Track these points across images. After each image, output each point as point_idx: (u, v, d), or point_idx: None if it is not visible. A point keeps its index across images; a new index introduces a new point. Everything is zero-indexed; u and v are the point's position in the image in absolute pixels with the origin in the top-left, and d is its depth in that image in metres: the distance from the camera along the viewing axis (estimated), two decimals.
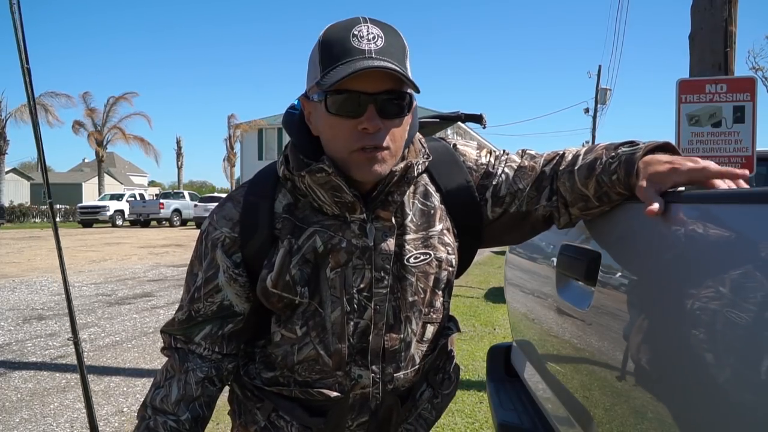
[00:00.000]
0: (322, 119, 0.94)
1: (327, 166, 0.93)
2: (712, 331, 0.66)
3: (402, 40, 0.94)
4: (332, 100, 0.91)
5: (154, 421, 1.02)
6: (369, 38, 0.90)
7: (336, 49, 0.90)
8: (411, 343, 1.05)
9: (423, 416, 1.15)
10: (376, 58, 0.88)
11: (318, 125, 0.97)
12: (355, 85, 0.89)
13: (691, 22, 4.70)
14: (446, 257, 1.06)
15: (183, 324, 1.06)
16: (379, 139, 0.92)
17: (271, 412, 1.08)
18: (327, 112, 0.92)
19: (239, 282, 1.03)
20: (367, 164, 0.92)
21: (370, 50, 0.89)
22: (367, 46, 0.89)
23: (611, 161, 0.96)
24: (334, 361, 1.01)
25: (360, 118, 0.90)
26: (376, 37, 0.90)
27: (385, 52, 0.90)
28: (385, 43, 0.90)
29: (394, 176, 0.97)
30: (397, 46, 0.93)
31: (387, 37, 0.91)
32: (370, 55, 0.88)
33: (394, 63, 0.89)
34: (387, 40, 0.91)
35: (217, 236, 1.03)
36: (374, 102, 0.90)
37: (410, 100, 0.95)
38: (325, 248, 0.99)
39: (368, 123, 0.90)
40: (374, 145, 0.92)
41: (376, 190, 0.98)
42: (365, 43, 0.89)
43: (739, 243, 0.70)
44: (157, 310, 6.16)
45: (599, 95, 27.11)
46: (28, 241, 15.99)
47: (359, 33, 0.90)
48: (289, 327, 1.03)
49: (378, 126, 0.91)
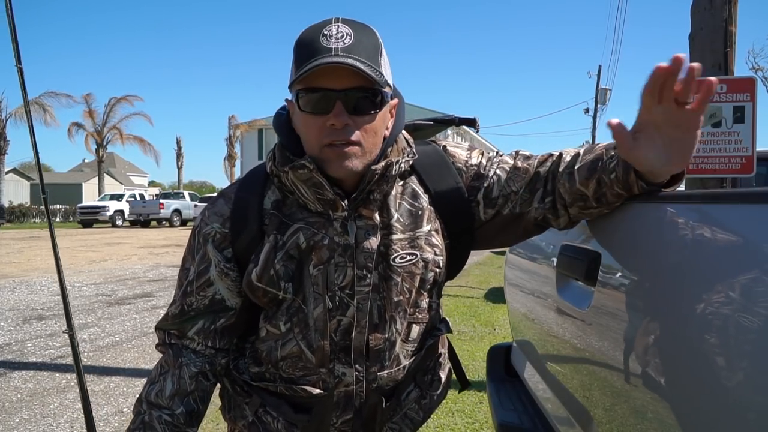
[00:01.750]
0: (297, 118, 0.99)
1: (308, 163, 0.96)
2: (712, 330, 0.66)
3: (375, 38, 0.96)
4: (303, 98, 0.95)
5: (149, 415, 1.03)
6: (337, 37, 0.92)
7: (306, 49, 0.93)
8: (395, 342, 1.06)
9: (409, 416, 1.15)
10: (341, 56, 0.90)
11: (296, 124, 1.01)
12: (322, 82, 0.92)
13: (691, 22, 4.70)
14: (433, 258, 1.06)
15: (176, 318, 1.08)
16: (347, 135, 0.94)
17: (259, 407, 1.10)
18: (299, 109, 0.96)
19: (230, 276, 1.06)
20: (337, 160, 0.95)
21: (336, 48, 0.91)
22: (334, 45, 0.91)
23: (611, 160, 0.96)
24: (317, 358, 1.03)
25: (328, 114, 0.93)
26: (344, 35, 0.93)
27: (352, 50, 0.92)
28: (354, 40, 0.92)
29: (375, 174, 0.98)
30: (368, 43, 0.94)
31: (357, 35, 0.94)
32: (336, 53, 0.91)
33: (360, 60, 0.91)
34: (356, 38, 0.93)
35: (208, 231, 1.06)
36: (342, 98, 0.93)
37: (382, 97, 0.96)
38: (308, 245, 1.01)
39: (335, 119, 0.93)
40: (343, 140, 0.94)
41: (357, 189, 1.00)
42: (333, 42, 0.92)
43: (739, 243, 0.70)
44: (157, 310, 6.16)
45: (599, 95, 27.12)
46: (28, 241, 15.99)
47: (328, 32, 0.93)
48: (273, 323, 1.05)
49: (345, 122, 0.93)
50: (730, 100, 4.12)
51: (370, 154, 0.98)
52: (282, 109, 1.08)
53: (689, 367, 0.71)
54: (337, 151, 0.94)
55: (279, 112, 1.08)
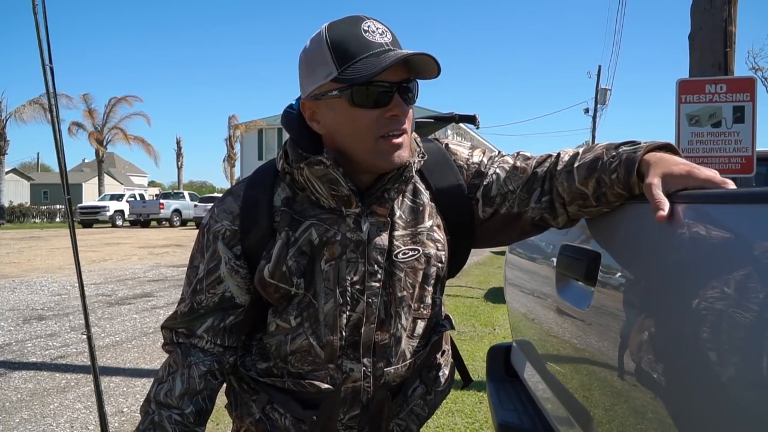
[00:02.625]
0: (341, 114, 0.97)
1: (325, 159, 0.97)
2: (712, 330, 0.66)
3: None
4: (359, 92, 0.95)
5: (159, 415, 1.03)
6: (379, 32, 0.95)
7: (352, 45, 0.93)
8: (401, 338, 1.07)
9: (415, 412, 1.16)
10: (397, 50, 0.94)
11: (332, 122, 0.99)
12: (380, 76, 0.93)
13: (691, 22, 4.70)
14: (435, 253, 1.08)
15: (186, 316, 1.08)
16: (404, 124, 0.98)
17: (266, 404, 1.10)
18: (351, 105, 0.95)
19: (240, 273, 1.06)
20: (393, 150, 0.97)
21: (386, 43, 0.94)
22: (381, 39, 0.94)
23: (612, 160, 0.96)
24: (326, 353, 1.03)
25: (388, 106, 0.95)
26: (384, 31, 0.96)
27: (396, 44, 0.96)
28: (392, 35, 0.97)
29: (392, 173, 1.00)
30: (397, 38, 0.98)
31: (389, 30, 0.97)
32: (389, 48, 0.94)
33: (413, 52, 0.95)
34: (392, 33, 0.97)
35: (218, 229, 1.06)
36: (399, 90, 0.96)
37: (418, 89, 1.01)
38: (320, 240, 1.02)
39: (398, 109, 0.96)
40: (402, 130, 0.97)
41: (373, 186, 1.01)
42: (378, 37, 0.94)
43: (739, 243, 0.70)
44: (157, 310, 6.16)
45: (599, 95, 27.11)
46: (28, 241, 15.99)
47: (369, 28, 0.95)
48: (283, 317, 1.05)
49: (406, 111, 0.97)
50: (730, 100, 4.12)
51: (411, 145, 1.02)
52: (290, 107, 1.08)
53: (689, 367, 0.71)
54: (392, 141, 0.97)
55: (287, 110, 1.08)
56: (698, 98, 4.20)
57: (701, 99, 4.19)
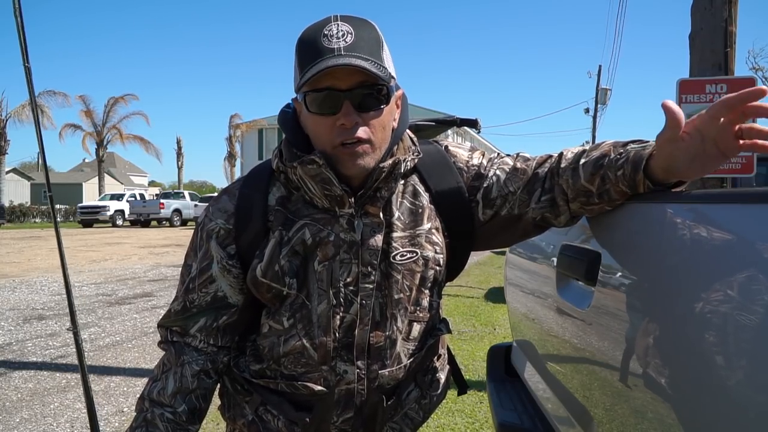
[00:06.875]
0: (307, 118, 0.99)
1: (318, 158, 0.96)
2: (713, 331, 0.66)
3: (375, 32, 0.97)
4: (310, 99, 0.96)
5: (152, 413, 1.04)
6: (338, 36, 0.93)
7: (309, 50, 0.94)
8: (396, 340, 1.07)
9: (409, 416, 1.15)
10: (344, 55, 0.91)
11: (305, 123, 1.01)
12: (327, 82, 0.93)
13: (691, 22, 4.70)
14: (433, 256, 1.07)
15: (178, 315, 1.08)
16: (357, 133, 0.95)
17: (259, 405, 1.09)
18: (307, 111, 0.97)
19: (233, 273, 1.06)
20: (350, 159, 0.96)
21: (339, 48, 0.92)
22: (336, 44, 0.92)
23: (619, 157, 0.95)
24: (320, 355, 1.03)
25: (337, 114, 0.94)
26: (345, 34, 0.93)
27: (354, 48, 0.93)
28: (355, 38, 0.93)
29: (382, 172, 0.99)
30: (369, 38, 0.95)
31: (357, 31, 0.94)
32: (339, 53, 0.92)
33: (363, 57, 0.92)
34: (357, 35, 0.94)
35: (212, 227, 1.06)
36: (349, 97, 0.94)
37: (387, 91, 0.97)
38: (313, 241, 1.01)
39: (344, 118, 0.94)
40: (354, 139, 0.95)
41: (364, 186, 1.00)
42: (335, 42, 0.93)
43: (739, 243, 0.70)
44: (157, 310, 6.16)
45: (599, 95, 27.09)
46: (29, 241, 15.99)
47: (329, 32, 0.94)
48: (276, 318, 1.05)
49: (354, 120, 0.94)
50: None
51: (380, 150, 0.99)
52: (287, 107, 1.08)
53: (689, 367, 0.71)
54: (349, 150, 0.95)
55: (284, 109, 1.08)
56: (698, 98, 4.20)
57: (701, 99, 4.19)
